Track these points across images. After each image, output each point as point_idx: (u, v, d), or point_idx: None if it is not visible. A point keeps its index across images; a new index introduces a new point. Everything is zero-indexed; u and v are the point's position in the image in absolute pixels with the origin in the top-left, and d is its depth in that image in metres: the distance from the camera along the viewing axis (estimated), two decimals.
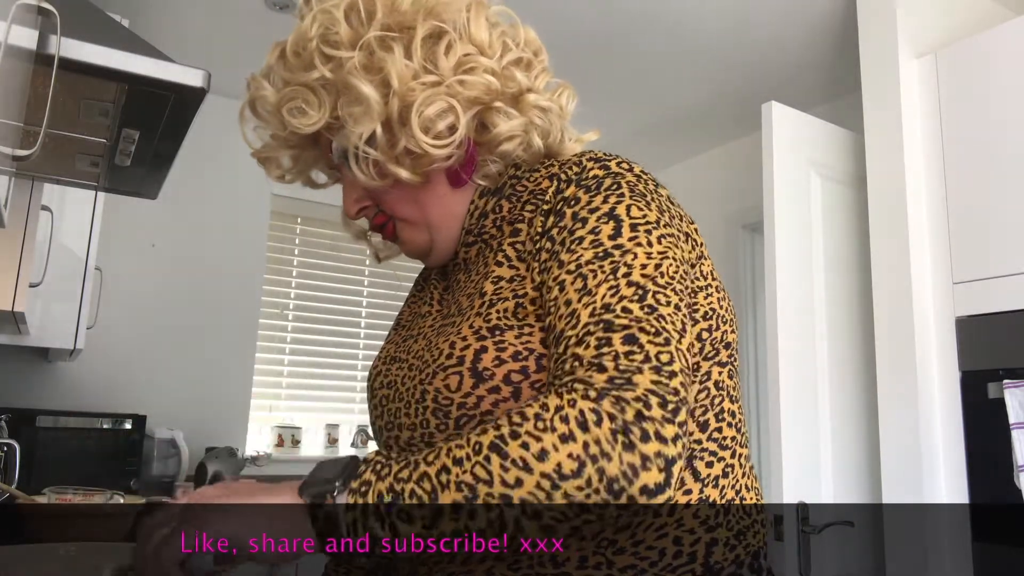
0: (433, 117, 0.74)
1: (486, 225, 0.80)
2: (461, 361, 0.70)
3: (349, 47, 0.75)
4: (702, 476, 0.71)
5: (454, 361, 0.70)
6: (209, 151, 2.92)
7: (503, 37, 0.81)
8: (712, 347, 0.75)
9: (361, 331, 3.43)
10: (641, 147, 3.56)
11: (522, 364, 0.68)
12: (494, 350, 0.69)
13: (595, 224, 0.69)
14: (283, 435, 3.14)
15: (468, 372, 0.69)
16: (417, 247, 0.84)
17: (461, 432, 0.69)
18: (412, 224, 0.82)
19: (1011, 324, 1.85)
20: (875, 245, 2.13)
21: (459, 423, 0.69)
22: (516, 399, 0.67)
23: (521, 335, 0.70)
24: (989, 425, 1.85)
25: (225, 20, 2.61)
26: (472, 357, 0.69)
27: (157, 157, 1.35)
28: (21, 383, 2.65)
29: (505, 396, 0.68)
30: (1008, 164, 1.90)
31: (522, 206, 0.78)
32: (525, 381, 0.68)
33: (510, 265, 0.74)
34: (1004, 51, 1.95)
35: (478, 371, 0.69)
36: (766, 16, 2.50)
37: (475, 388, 0.68)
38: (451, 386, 0.70)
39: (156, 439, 2.72)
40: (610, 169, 0.73)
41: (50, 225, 1.97)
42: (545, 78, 0.84)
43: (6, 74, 0.76)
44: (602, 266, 0.66)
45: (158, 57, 1.04)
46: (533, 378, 0.68)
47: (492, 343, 0.70)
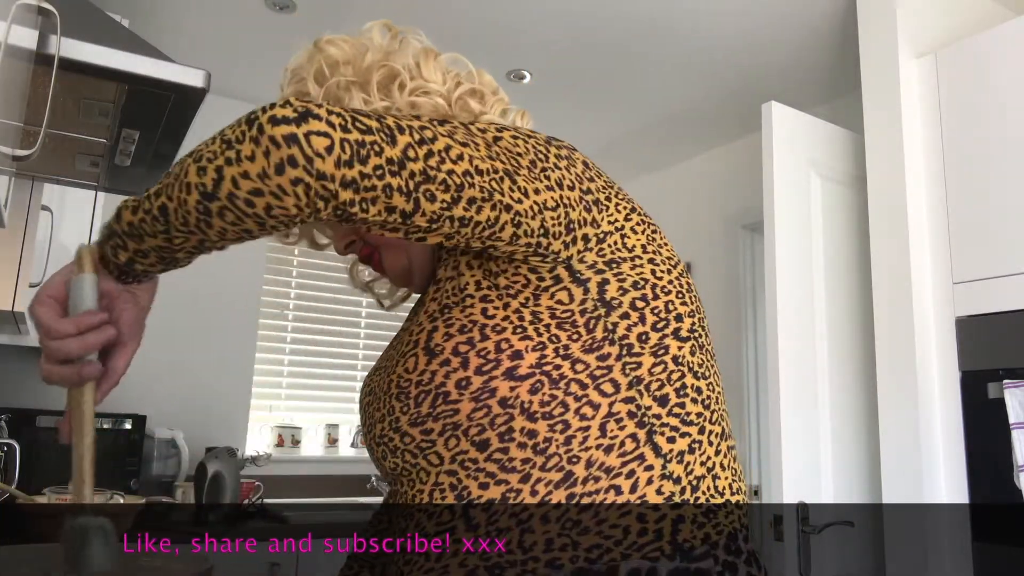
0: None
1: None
2: (416, 343, 0.75)
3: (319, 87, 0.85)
4: (663, 451, 0.72)
5: (410, 346, 0.76)
6: None
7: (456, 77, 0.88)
8: (656, 316, 0.75)
9: (361, 331, 3.43)
10: (641, 147, 3.56)
11: (468, 336, 0.73)
12: (443, 327, 0.74)
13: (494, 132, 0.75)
14: (283, 435, 3.14)
15: (422, 351, 0.74)
16: (401, 271, 0.88)
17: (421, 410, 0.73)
18: (393, 248, 0.87)
19: (1011, 324, 1.85)
20: (875, 245, 2.13)
21: (418, 400, 0.73)
22: (465, 369, 0.72)
23: (464, 308, 0.74)
24: (989, 425, 1.85)
25: (225, 20, 2.61)
26: (425, 338, 0.75)
27: (157, 157, 1.35)
28: (21, 383, 2.65)
29: (455, 367, 0.72)
30: (1008, 164, 1.90)
31: None
32: (472, 351, 0.72)
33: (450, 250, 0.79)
34: (1004, 51, 1.95)
35: (430, 348, 0.74)
36: (766, 17, 2.50)
37: (428, 364, 0.73)
38: (409, 368, 0.75)
39: (156, 439, 2.72)
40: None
41: (50, 225, 1.98)
42: (501, 107, 0.90)
43: (6, 74, 0.76)
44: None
45: (158, 57, 1.04)
46: (479, 347, 0.72)
47: (442, 322, 0.75)
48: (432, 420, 0.73)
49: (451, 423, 0.72)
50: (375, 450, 0.80)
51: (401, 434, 0.75)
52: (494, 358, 0.71)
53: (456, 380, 0.72)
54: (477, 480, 0.72)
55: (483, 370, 0.71)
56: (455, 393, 0.72)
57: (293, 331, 3.28)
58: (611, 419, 0.72)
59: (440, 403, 0.72)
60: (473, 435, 0.72)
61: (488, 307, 0.74)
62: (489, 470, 0.72)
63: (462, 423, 0.72)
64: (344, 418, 3.34)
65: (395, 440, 0.76)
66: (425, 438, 0.74)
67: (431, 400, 0.72)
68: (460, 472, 0.73)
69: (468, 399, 0.71)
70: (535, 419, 0.71)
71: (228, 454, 2.49)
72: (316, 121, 0.59)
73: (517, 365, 0.71)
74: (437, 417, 0.72)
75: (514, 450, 0.71)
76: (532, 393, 0.71)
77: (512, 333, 0.72)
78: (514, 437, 0.71)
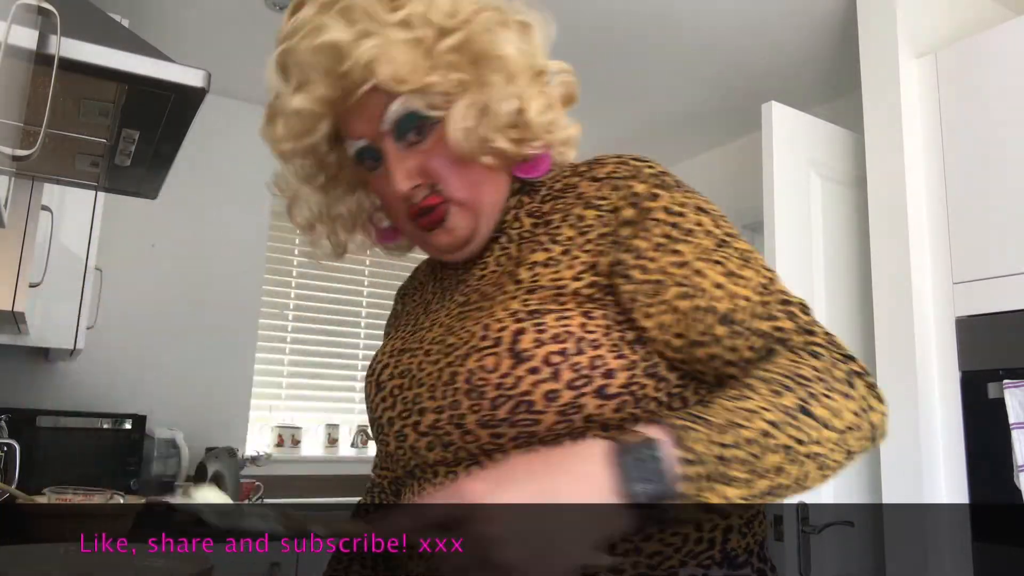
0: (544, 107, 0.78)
1: (507, 219, 0.82)
2: (498, 342, 0.70)
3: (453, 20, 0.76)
4: None
5: (490, 343, 0.70)
6: (209, 151, 2.92)
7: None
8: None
9: (361, 331, 3.43)
10: (641, 147, 3.55)
11: (562, 346, 0.69)
12: (534, 332, 0.70)
13: (696, 217, 0.73)
14: (283, 435, 3.14)
15: (507, 353, 0.69)
16: (458, 237, 0.80)
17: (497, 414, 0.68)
18: (466, 209, 0.79)
19: (1011, 324, 1.85)
20: (875, 245, 2.13)
21: (495, 403, 0.69)
22: (555, 380, 0.68)
23: (562, 318, 0.71)
24: (989, 425, 1.85)
25: (225, 20, 2.61)
26: (510, 339, 0.70)
27: (157, 157, 1.35)
28: (21, 383, 2.65)
29: (545, 377, 0.68)
30: (1008, 164, 1.90)
31: (545, 202, 0.80)
32: (565, 363, 0.69)
33: (543, 249, 0.75)
34: (1004, 51, 1.95)
35: (517, 352, 0.69)
36: (766, 16, 2.50)
37: (514, 368, 0.69)
38: (487, 367, 0.70)
39: (156, 439, 2.72)
40: (654, 168, 0.77)
41: (50, 225, 1.98)
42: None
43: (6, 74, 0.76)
44: (729, 253, 0.72)
45: (158, 57, 1.04)
46: (572, 360, 0.69)
47: (531, 325, 0.70)
48: (508, 426, 0.69)
49: (528, 432, 0.69)
50: (417, 439, 0.75)
51: (464, 431, 0.71)
52: (587, 374, 0.69)
53: (545, 391, 0.68)
54: None
55: (575, 385, 0.69)
56: (541, 404, 0.68)
57: (293, 331, 3.28)
58: None
59: (522, 411, 0.69)
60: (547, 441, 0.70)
61: (588, 323, 0.71)
62: None
63: (539, 433, 0.69)
64: (344, 418, 3.34)
65: (453, 435, 0.72)
66: (493, 441, 0.70)
67: (512, 406, 0.69)
68: None
69: (553, 412, 0.68)
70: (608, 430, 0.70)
71: (228, 454, 2.50)
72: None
73: (608, 384, 0.70)
74: (515, 424, 0.69)
75: None
76: (616, 411, 0.70)
77: (608, 351, 0.70)
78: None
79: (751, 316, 0.69)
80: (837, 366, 0.65)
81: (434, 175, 0.77)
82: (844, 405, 0.63)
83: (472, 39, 0.75)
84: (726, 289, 0.70)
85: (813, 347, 0.67)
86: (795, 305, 0.70)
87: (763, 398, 0.61)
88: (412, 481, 0.78)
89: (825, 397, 0.63)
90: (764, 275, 0.72)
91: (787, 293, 0.71)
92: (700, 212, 0.74)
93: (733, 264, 0.71)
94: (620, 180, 0.75)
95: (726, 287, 0.70)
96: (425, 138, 0.77)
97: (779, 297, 0.70)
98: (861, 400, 0.64)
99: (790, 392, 0.62)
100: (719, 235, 0.73)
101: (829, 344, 0.68)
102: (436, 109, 0.76)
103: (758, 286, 0.70)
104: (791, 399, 0.61)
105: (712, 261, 0.71)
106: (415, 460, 0.76)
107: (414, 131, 0.77)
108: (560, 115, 0.81)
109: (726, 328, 0.69)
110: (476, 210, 0.79)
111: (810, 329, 0.69)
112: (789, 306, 0.70)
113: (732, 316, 0.69)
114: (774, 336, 0.68)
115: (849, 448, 0.63)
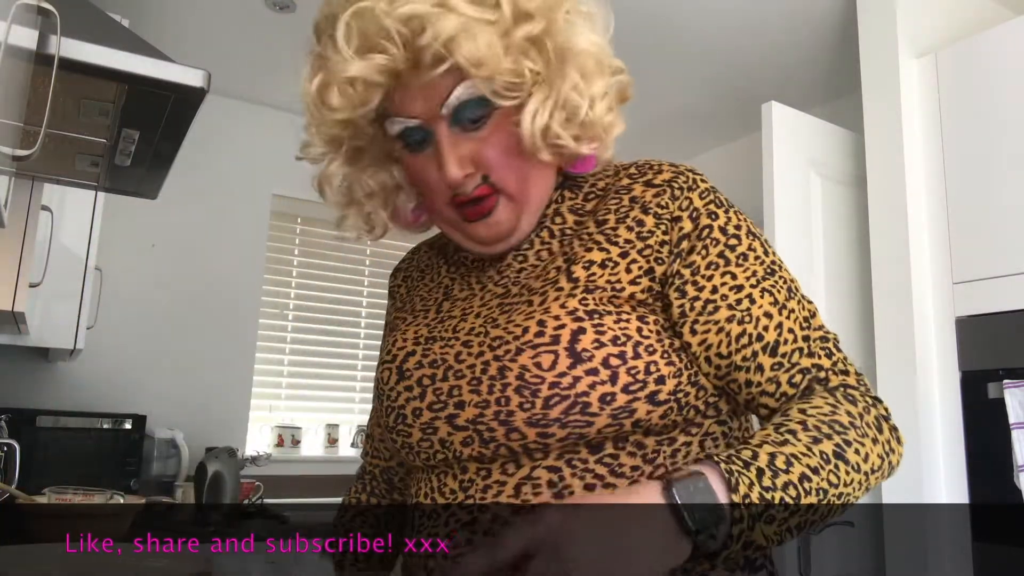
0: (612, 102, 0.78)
1: (547, 213, 0.81)
2: (556, 340, 0.69)
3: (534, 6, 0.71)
4: None
5: (547, 339, 0.69)
6: (209, 151, 2.92)
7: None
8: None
9: (361, 331, 3.43)
10: (641, 147, 3.55)
11: (620, 349, 0.69)
12: (593, 332, 0.69)
13: (748, 241, 0.75)
14: (283, 435, 3.14)
15: (565, 352, 0.68)
16: (501, 231, 0.76)
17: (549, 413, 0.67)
18: (514, 202, 0.76)
19: (1011, 324, 1.85)
20: (875, 245, 2.13)
21: (548, 402, 0.68)
22: (613, 384, 0.68)
23: (620, 321, 0.71)
24: (989, 425, 1.85)
25: (225, 20, 2.61)
26: (569, 337, 0.69)
27: (157, 157, 1.35)
28: (21, 383, 2.65)
29: (603, 379, 0.68)
30: (1008, 164, 1.90)
31: (588, 200, 0.80)
32: (623, 366, 0.69)
33: (600, 248, 0.74)
34: (1004, 51, 1.95)
35: (576, 351, 0.68)
36: (766, 16, 2.50)
37: (572, 368, 0.68)
38: (543, 364, 0.68)
39: (156, 439, 2.72)
40: (707, 182, 0.78)
41: (50, 225, 1.98)
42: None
43: (6, 74, 0.76)
44: (777, 282, 0.74)
45: (158, 57, 1.04)
46: (630, 364, 0.69)
47: (591, 325, 0.69)
48: (559, 426, 0.68)
49: (578, 433, 0.68)
50: (451, 432, 0.72)
51: (510, 428, 0.69)
52: (642, 379, 0.69)
53: (601, 394, 0.68)
54: (584, 480, 0.69)
55: (630, 389, 0.69)
56: (596, 406, 0.68)
57: (293, 331, 3.28)
58: (708, 437, 0.74)
59: (576, 412, 0.68)
60: (592, 444, 0.70)
61: (644, 327, 0.71)
62: (598, 472, 0.69)
63: (589, 435, 0.69)
64: (344, 418, 3.34)
65: (497, 432, 0.70)
66: (539, 440, 0.69)
67: (566, 407, 0.67)
68: (565, 469, 0.69)
69: (607, 415, 0.68)
70: (649, 435, 0.71)
71: (228, 454, 2.49)
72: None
73: (659, 391, 0.70)
74: (566, 424, 0.68)
75: (624, 457, 0.70)
76: (662, 418, 0.71)
77: (660, 357, 0.71)
78: (626, 446, 0.70)
79: (795, 350, 0.71)
80: (869, 411, 0.69)
81: (488, 165, 0.74)
82: (872, 449, 0.67)
83: (552, 30, 0.72)
84: (774, 319, 0.72)
85: (849, 390, 0.70)
86: (831, 341, 0.73)
87: (803, 444, 0.64)
88: (431, 476, 0.76)
89: (858, 443, 0.66)
90: (807, 308, 0.74)
91: (825, 328, 0.74)
92: (752, 236, 0.75)
93: (781, 295, 0.73)
94: (679, 190, 0.75)
95: (775, 317, 0.72)
96: (483, 125, 0.73)
97: (819, 333, 0.73)
98: (886, 443, 0.69)
99: (828, 440, 0.65)
100: (768, 263, 0.74)
101: (859, 384, 0.72)
102: (502, 98, 0.72)
103: (803, 320, 0.73)
104: (828, 446, 0.64)
105: (763, 289, 0.73)
106: (444, 454, 0.74)
107: (473, 117, 0.72)
108: (618, 115, 0.80)
109: (771, 358, 0.71)
110: (523, 204, 0.76)
111: (845, 369, 0.72)
112: (827, 343, 0.73)
113: (778, 348, 0.71)
114: (813, 374, 0.71)
115: (869, 485, 0.67)
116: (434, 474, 0.75)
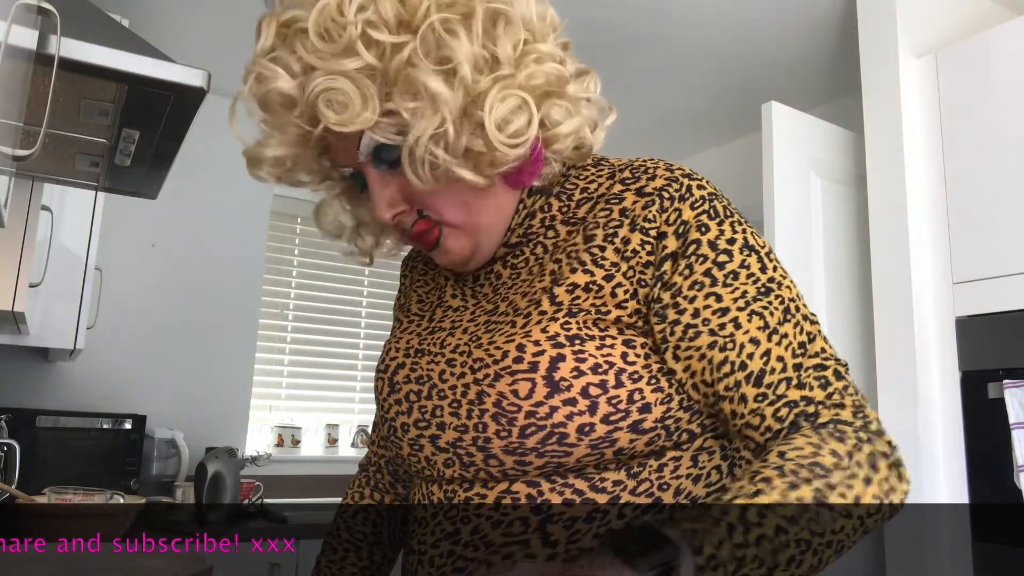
0: (507, 114, 0.66)
1: (533, 224, 0.76)
2: (534, 367, 0.66)
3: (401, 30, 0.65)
4: None
5: (525, 366, 0.66)
6: (209, 151, 2.92)
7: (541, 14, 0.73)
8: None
9: (361, 331, 3.43)
10: (641, 147, 3.56)
11: (601, 377, 0.66)
12: (573, 360, 0.66)
13: (742, 257, 0.69)
14: (283, 435, 3.14)
15: (542, 380, 0.65)
16: (459, 256, 0.74)
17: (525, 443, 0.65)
18: (460, 230, 0.73)
19: (1011, 324, 1.85)
20: (875, 245, 2.13)
21: (524, 432, 0.66)
22: (592, 414, 0.65)
23: (603, 347, 0.67)
24: (989, 425, 1.85)
25: (225, 20, 2.61)
26: (547, 365, 0.66)
27: (157, 157, 1.35)
28: (21, 383, 2.65)
29: (581, 409, 0.65)
30: (1008, 164, 1.90)
31: (580, 207, 0.75)
32: (603, 396, 0.65)
33: (585, 270, 0.70)
34: (1004, 51, 1.95)
35: (553, 380, 0.65)
36: (766, 16, 2.50)
37: (548, 398, 0.65)
38: (519, 392, 0.66)
39: (156, 439, 2.72)
40: (705, 188, 0.72)
41: (50, 225, 1.98)
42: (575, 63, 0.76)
43: (6, 74, 0.76)
44: (771, 303, 0.68)
45: (158, 57, 1.04)
46: (611, 393, 0.66)
47: (571, 352, 0.66)
48: (535, 456, 0.66)
49: (556, 462, 0.66)
50: (433, 452, 0.72)
51: (487, 455, 0.68)
52: (624, 408, 0.66)
53: (579, 425, 0.65)
54: (563, 495, 0.67)
55: (611, 419, 0.65)
56: (574, 436, 0.65)
57: (293, 331, 3.28)
58: (703, 452, 0.71)
59: (553, 442, 0.65)
60: (573, 471, 0.67)
61: (629, 352, 0.68)
62: (578, 487, 0.67)
63: (568, 464, 0.66)
64: (344, 418, 3.34)
65: (476, 457, 0.69)
66: (517, 467, 0.67)
67: (543, 437, 0.65)
68: (544, 484, 0.68)
69: (585, 445, 0.65)
70: (635, 457, 0.69)
71: (228, 454, 2.49)
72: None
73: (644, 419, 0.67)
74: (543, 454, 0.66)
75: (606, 472, 0.68)
76: (648, 444, 0.68)
77: (647, 383, 0.67)
78: (609, 465, 0.68)
79: (782, 380, 0.65)
80: (861, 449, 0.62)
81: (418, 201, 0.71)
82: (864, 491, 0.61)
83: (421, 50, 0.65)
84: (761, 346, 0.66)
85: (840, 426, 0.64)
86: (830, 369, 0.67)
87: (779, 492, 0.58)
88: (421, 483, 0.76)
89: (844, 486, 0.60)
90: (806, 332, 0.68)
91: (825, 352, 0.68)
92: (747, 251, 0.69)
93: (773, 318, 0.67)
94: (668, 200, 0.70)
95: (762, 344, 0.66)
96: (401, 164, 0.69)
97: (816, 360, 0.67)
98: (882, 482, 0.62)
99: (807, 484, 0.59)
100: (763, 280, 0.68)
101: (856, 418, 0.64)
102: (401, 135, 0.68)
103: (796, 347, 0.66)
104: (807, 492, 0.59)
105: (751, 312, 0.67)
106: (429, 471, 0.74)
107: (390, 159, 0.70)
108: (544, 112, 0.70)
109: (755, 389, 0.65)
110: (473, 230, 0.73)
111: (840, 402, 0.65)
112: (824, 371, 0.66)
113: (763, 378, 0.65)
114: (801, 407, 0.65)
115: (866, 528, 0.62)
116: (423, 481, 0.76)
